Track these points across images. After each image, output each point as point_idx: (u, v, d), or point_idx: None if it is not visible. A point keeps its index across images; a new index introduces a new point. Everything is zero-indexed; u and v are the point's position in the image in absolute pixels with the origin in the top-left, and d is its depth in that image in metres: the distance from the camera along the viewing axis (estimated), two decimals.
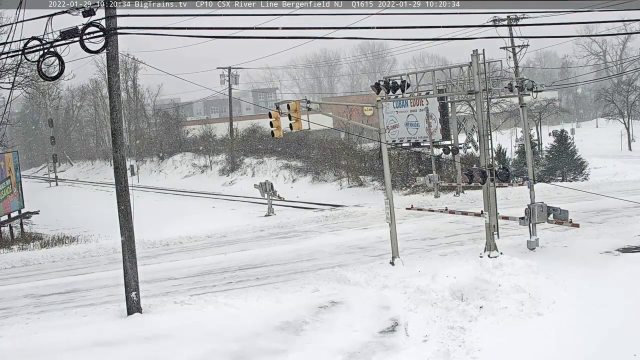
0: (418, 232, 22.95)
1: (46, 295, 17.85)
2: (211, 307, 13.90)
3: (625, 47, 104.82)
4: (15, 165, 31.20)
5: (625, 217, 22.31)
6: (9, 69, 25.49)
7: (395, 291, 14.49)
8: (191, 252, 23.24)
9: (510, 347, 11.07)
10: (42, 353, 12.05)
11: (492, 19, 33.65)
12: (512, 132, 55.96)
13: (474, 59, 16.87)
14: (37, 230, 32.44)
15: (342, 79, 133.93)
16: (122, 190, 13.80)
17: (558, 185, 31.04)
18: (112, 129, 13.96)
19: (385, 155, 18.11)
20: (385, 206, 17.73)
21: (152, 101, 77.06)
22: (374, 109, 18.21)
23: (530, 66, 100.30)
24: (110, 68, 13.67)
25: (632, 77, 73.20)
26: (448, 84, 21.51)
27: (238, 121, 60.25)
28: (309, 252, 21.08)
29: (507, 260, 13.92)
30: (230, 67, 54.66)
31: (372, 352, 11.50)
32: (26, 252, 25.73)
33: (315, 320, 13.09)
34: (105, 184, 57.28)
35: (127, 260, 13.81)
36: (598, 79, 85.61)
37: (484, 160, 16.87)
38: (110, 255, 23.24)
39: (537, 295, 12.55)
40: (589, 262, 15.92)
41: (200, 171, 55.47)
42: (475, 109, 18.67)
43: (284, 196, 33.53)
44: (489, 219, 16.89)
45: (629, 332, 11.20)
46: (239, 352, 11.74)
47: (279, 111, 18.51)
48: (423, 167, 36.27)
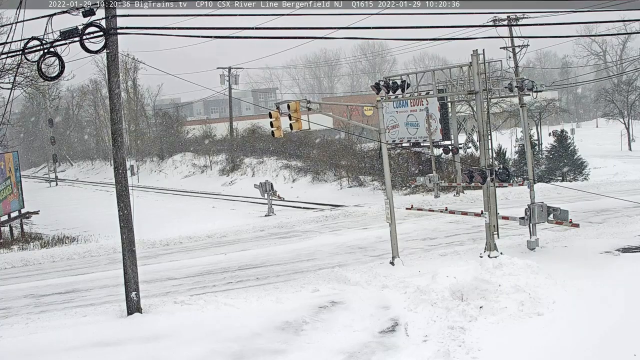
0: (418, 232, 22.95)
1: (46, 295, 17.85)
2: (211, 307, 13.90)
3: (625, 47, 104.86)
4: (15, 165, 31.21)
5: (625, 217, 22.31)
6: (9, 69, 25.47)
7: (395, 291, 14.49)
8: (191, 252, 23.23)
9: (511, 347, 11.07)
10: (42, 353, 12.05)
11: (492, 19, 33.69)
12: (512, 132, 55.96)
13: (474, 59, 16.87)
14: (37, 230, 32.46)
15: (342, 79, 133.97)
16: (122, 191, 13.81)
17: (558, 185, 31.06)
18: (112, 129, 13.97)
19: (385, 155, 18.10)
20: (385, 206, 17.73)
21: (152, 101, 77.08)
22: (374, 109, 18.21)
23: (530, 66, 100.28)
24: (110, 68, 13.67)
25: (632, 77, 73.24)
26: (448, 84, 21.49)
27: (238, 121, 60.31)
28: (309, 252, 21.08)
29: (507, 260, 13.92)
30: (230, 67, 54.77)
31: (372, 352, 11.50)
32: (26, 252, 25.73)
33: (315, 320, 13.09)
34: (105, 184, 57.32)
35: (127, 260, 13.81)
36: (598, 79, 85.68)
37: (484, 160, 16.87)
38: (110, 255, 23.24)
39: (537, 295, 12.55)
40: (589, 262, 15.92)
41: (200, 171, 55.46)
42: (475, 109, 18.67)
43: (284, 196, 33.53)
44: (489, 219, 16.89)
45: (629, 332, 11.20)
46: (239, 352, 11.74)
47: (279, 111, 18.51)
48: (423, 167, 36.26)
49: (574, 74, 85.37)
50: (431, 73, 20.20)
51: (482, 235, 17.99)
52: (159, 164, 62.15)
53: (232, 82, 54.71)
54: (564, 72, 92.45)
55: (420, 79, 20.49)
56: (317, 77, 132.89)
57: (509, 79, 22.71)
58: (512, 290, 12.72)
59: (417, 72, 20.95)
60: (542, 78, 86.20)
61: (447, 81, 20.97)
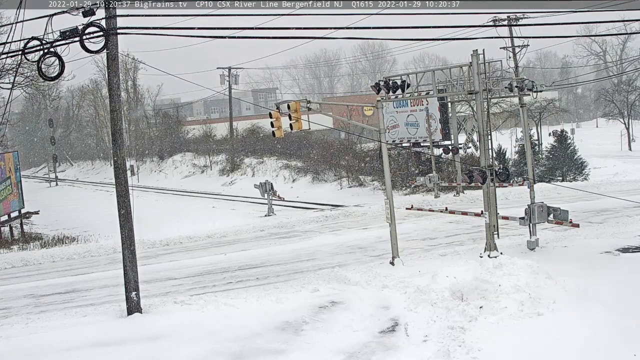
0: (418, 232, 22.96)
1: (46, 295, 17.86)
2: (211, 307, 13.90)
3: (625, 47, 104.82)
4: (15, 165, 31.21)
5: (625, 217, 22.32)
6: (9, 69, 25.49)
7: (395, 291, 14.49)
8: (191, 252, 23.24)
9: (511, 347, 11.06)
10: (42, 353, 12.05)
11: (492, 19, 33.64)
12: (512, 132, 55.97)
13: (474, 59, 16.88)
14: (37, 230, 32.45)
15: (342, 79, 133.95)
16: (122, 191, 13.81)
17: (558, 185, 31.04)
18: (112, 129, 13.96)
19: (385, 155, 18.11)
20: (385, 206, 17.73)
21: (152, 101, 77.06)
22: (374, 109, 18.21)
23: (530, 66, 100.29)
24: (111, 68, 13.68)
25: (632, 77, 73.23)
26: (448, 84, 21.49)
27: (238, 121, 60.28)
28: (309, 252, 21.08)
29: (507, 260, 13.91)
30: (230, 67, 54.75)
31: (372, 352, 11.50)
32: (26, 252, 25.73)
33: (315, 320, 13.09)
34: (105, 184, 57.32)
35: (127, 260, 13.81)
36: (598, 79, 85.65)
37: (484, 160, 16.88)
38: (110, 255, 23.24)
39: (537, 295, 12.54)
40: (589, 262, 15.92)
41: (200, 171, 55.46)
42: (475, 109, 18.67)
43: (284, 196, 33.54)
44: (489, 219, 16.89)
45: (629, 332, 11.20)
46: (239, 352, 11.74)
47: (279, 111, 18.51)
48: (423, 167, 36.26)
49: (574, 74, 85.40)
50: (431, 73, 20.19)
51: (482, 235, 17.99)
52: (159, 164, 62.14)
53: (232, 82, 54.70)
54: (564, 72, 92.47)
55: (420, 79, 20.49)
56: (317, 77, 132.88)
57: (509, 79, 22.72)
58: (512, 290, 12.71)
59: (417, 72, 20.95)
60: (542, 78, 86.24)
61: (447, 81, 20.96)
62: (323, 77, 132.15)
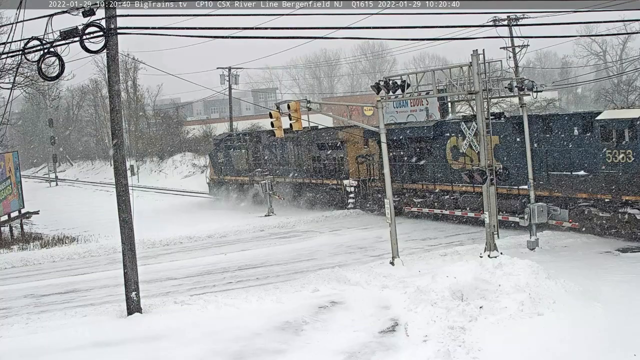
0: (418, 232, 22.96)
1: (46, 295, 17.85)
2: (211, 307, 13.90)
3: (625, 47, 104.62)
4: (15, 165, 31.20)
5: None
6: (9, 69, 25.49)
7: (395, 291, 14.48)
8: (191, 252, 23.24)
9: (511, 347, 11.06)
10: (42, 353, 12.05)
11: (492, 19, 33.69)
12: None
13: (474, 59, 16.87)
14: (37, 230, 32.43)
15: (342, 79, 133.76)
16: (122, 191, 13.81)
17: None
18: (112, 129, 13.96)
19: (385, 155, 18.10)
20: (385, 206, 17.73)
21: (152, 101, 77.03)
22: (374, 109, 18.21)
23: (530, 66, 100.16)
24: (110, 68, 13.67)
25: (632, 77, 73.16)
26: (448, 84, 21.46)
27: (238, 121, 60.25)
28: (309, 252, 21.08)
29: (507, 260, 13.90)
30: (230, 67, 54.64)
31: (372, 352, 11.50)
32: (26, 252, 25.72)
33: (315, 320, 13.09)
34: (105, 184, 57.28)
35: (127, 260, 13.81)
36: (598, 79, 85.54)
37: (484, 160, 16.87)
38: (110, 255, 23.23)
39: (538, 295, 12.53)
40: (589, 262, 15.93)
41: (200, 171, 55.38)
42: (475, 109, 18.66)
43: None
44: (489, 219, 16.88)
45: (629, 332, 11.20)
46: (239, 352, 11.74)
47: (279, 111, 18.52)
48: None
49: (574, 74, 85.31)
50: (431, 73, 20.16)
51: (482, 235, 17.98)
52: (159, 164, 62.10)
53: (232, 82, 54.61)
54: (564, 72, 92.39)
55: (420, 79, 20.44)
56: (317, 77, 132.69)
57: (509, 79, 22.69)
58: (512, 290, 12.70)
59: (417, 72, 20.90)
60: (542, 78, 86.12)
61: (447, 81, 20.93)
62: (323, 77, 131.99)
